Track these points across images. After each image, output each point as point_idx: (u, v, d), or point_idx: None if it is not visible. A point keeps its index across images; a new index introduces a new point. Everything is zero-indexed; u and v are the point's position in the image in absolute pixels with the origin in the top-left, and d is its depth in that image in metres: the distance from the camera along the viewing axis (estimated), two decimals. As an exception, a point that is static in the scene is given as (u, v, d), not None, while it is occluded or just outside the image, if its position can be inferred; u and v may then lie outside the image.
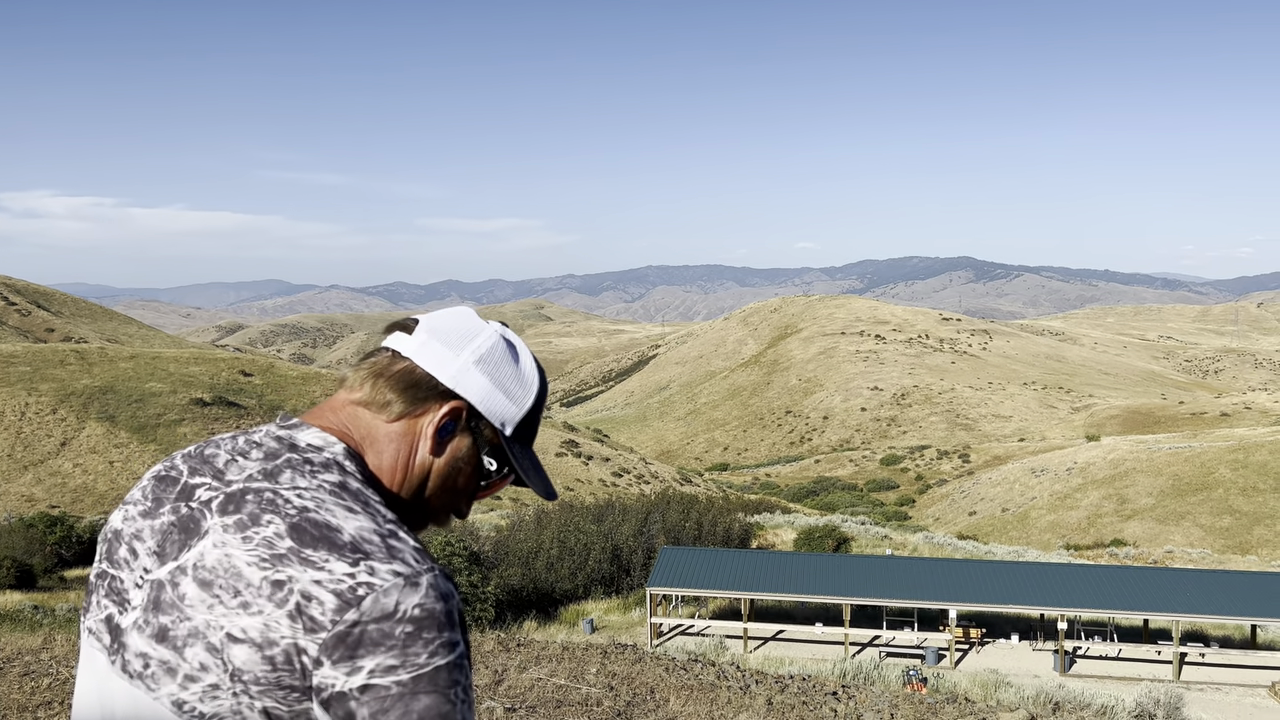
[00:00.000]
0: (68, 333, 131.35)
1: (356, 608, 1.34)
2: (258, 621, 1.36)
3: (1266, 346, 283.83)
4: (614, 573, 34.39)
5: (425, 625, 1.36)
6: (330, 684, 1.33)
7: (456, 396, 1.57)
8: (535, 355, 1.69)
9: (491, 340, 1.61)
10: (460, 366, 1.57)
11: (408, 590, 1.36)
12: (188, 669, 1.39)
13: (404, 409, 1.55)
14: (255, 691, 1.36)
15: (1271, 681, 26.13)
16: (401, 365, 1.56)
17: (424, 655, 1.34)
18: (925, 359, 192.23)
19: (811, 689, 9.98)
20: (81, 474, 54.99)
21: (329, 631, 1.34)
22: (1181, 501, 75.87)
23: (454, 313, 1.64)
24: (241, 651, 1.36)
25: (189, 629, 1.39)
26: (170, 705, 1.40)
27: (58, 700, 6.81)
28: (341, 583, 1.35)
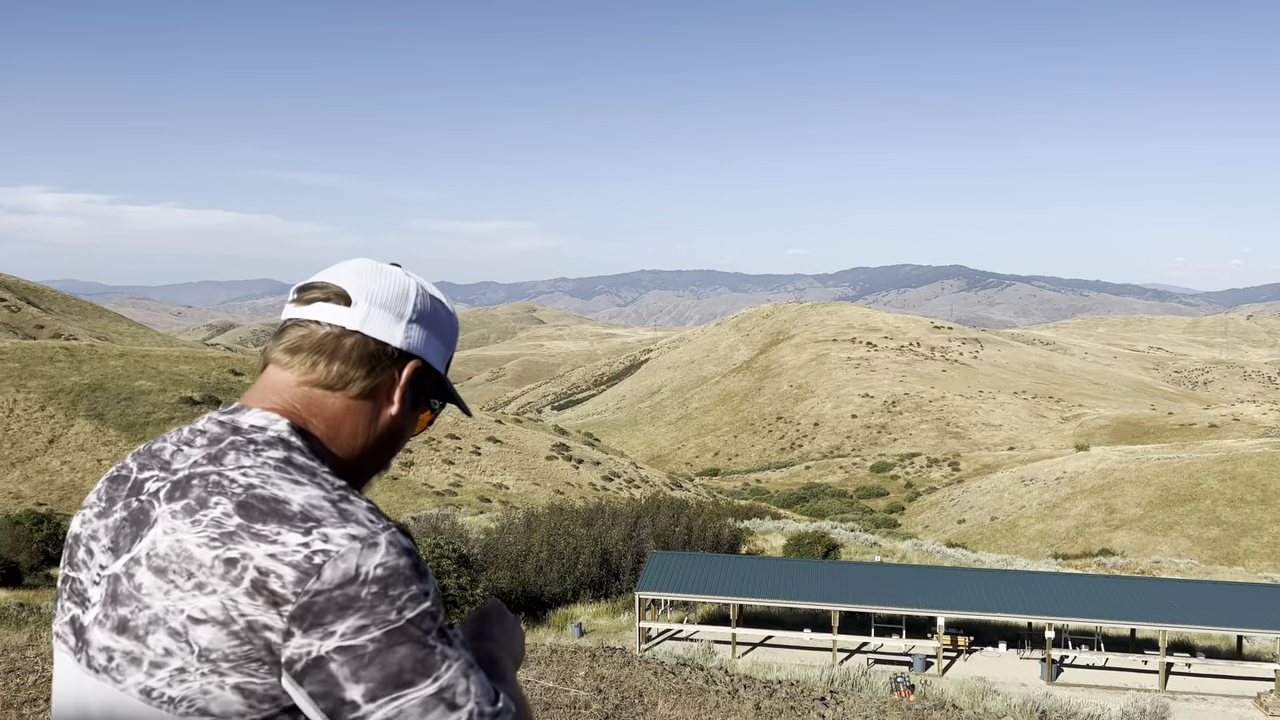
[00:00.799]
0: (57, 330, 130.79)
1: (317, 577, 1.35)
2: (215, 600, 1.36)
3: (1255, 359, 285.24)
4: (603, 577, 34.35)
5: (390, 583, 1.37)
6: (305, 652, 1.34)
7: (410, 357, 1.61)
8: (440, 292, 1.71)
9: (420, 294, 1.64)
10: (407, 329, 1.60)
11: (367, 552, 1.37)
12: (152, 656, 1.39)
13: (366, 383, 1.57)
14: (225, 668, 1.36)
15: (1257, 693, 26.23)
16: (353, 340, 1.57)
17: (394, 611, 1.36)
18: (916, 367, 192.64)
19: (799, 694, 9.99)
20: (69, 471, 54.71)
21: (293, 604, 1.34)
22: (1169, 512, 76.16)
23: (373, 270, 1.62)
24: (205, 631, 1.36)
25: (149, 617, 1.39)
26: (138, 694, 1.40)
27: (43, 697, 6.78)
28: (297, 554, 1.36)
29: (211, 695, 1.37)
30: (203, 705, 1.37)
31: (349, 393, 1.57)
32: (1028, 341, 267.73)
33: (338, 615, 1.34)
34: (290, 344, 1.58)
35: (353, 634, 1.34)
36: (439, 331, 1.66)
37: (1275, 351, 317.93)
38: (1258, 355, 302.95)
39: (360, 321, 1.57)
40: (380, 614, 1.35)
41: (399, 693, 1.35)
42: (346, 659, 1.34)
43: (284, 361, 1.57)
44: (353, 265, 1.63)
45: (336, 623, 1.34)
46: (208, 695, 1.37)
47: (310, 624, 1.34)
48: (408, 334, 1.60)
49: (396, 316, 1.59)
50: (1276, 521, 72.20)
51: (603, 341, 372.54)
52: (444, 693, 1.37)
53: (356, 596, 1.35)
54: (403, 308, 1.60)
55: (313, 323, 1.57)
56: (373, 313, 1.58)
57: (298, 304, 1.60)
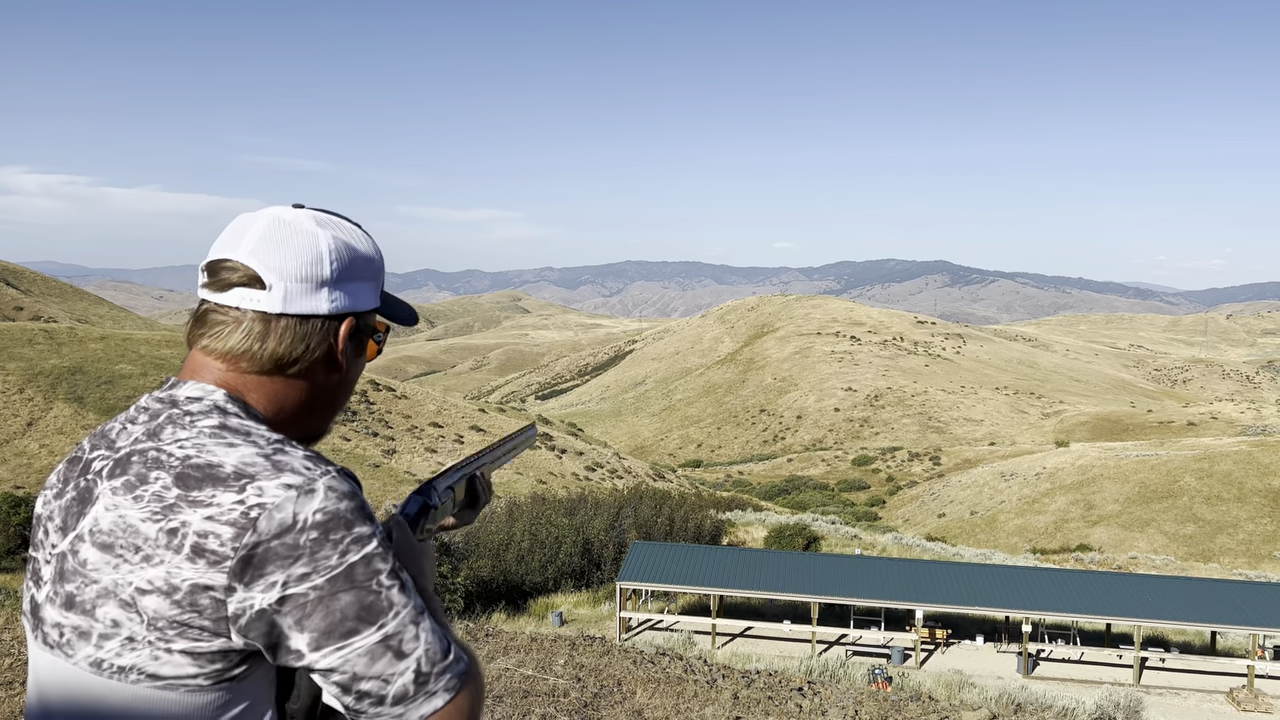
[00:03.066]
0: (37, 311, 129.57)
1: (253, 530, 1.34)
2: (161, 571, 1.36)
3: (1234, 358, 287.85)
4: (584, 566, 34.41)
5: (330, 528, 1.35)
6: (248, 605, 1.33)
7: (343, 315, 1.55)
8: (349, 221, 1.61)
9: (333, 247, 1.53)
10: (330, 293, 1.52)
11: (303, 499, 1.36)
12: (101, 629, 1.39)
13: (306, 361, 1.53)
14: (171, 634, 1.36)
15: (1230, 688, 26.54)
16: (281, 325, 1.50)
17: (335, 556, 1.34)
18: (899, 361, 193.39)
19: (778, 684, 10.05)
20: (48, 455, 54.29)
21: (232, 559, 1.33)
22: (1147, 508, 76.84)
23: (277, 236, 1.51)
24: (151, 601, 1.36)
25: (97, 591, 1.39)
26: (88, 666, 1.40)
27: (19, 680, 6.75)
28: (232, 511, 1.35)
29: (161, 660, 1.37)
30: (152, 671, 1.37)
31: (287, 374, 1.53)
32: (1010, 338, 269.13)
33: (278, 565, 1.33)
34: (215, 331, 1.51)
35: (295, 582, 1.33)
36: (363, 274, 1.58)
37: (1254, 351, 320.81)
38: (1237, 354, 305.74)
39: (281, 303, 1.49)
40: (321, 560, 1.34)
41: (343, 641, 1.34)
42: (289, 609, 1.33)
43: (214, 349, 1.51)
44: (256, 229, 1.51)
45: (277, 573, 1.33)
46: (157, 661, 1.37)
47: (251, 577, 1.33)
48: (332, 297, 1.52)
49: (316, 285, 1.51)
50: (1252, 519, 72.98)
51: (587, 332, 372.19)
52: (390, 640, 1.35)
53: (296, 545, 1.34)
54: (320, 272, 1.51)
55: (233, 309, 1.50)
56: (291, 289, 1.49)
57: (211, 288, 1.52)
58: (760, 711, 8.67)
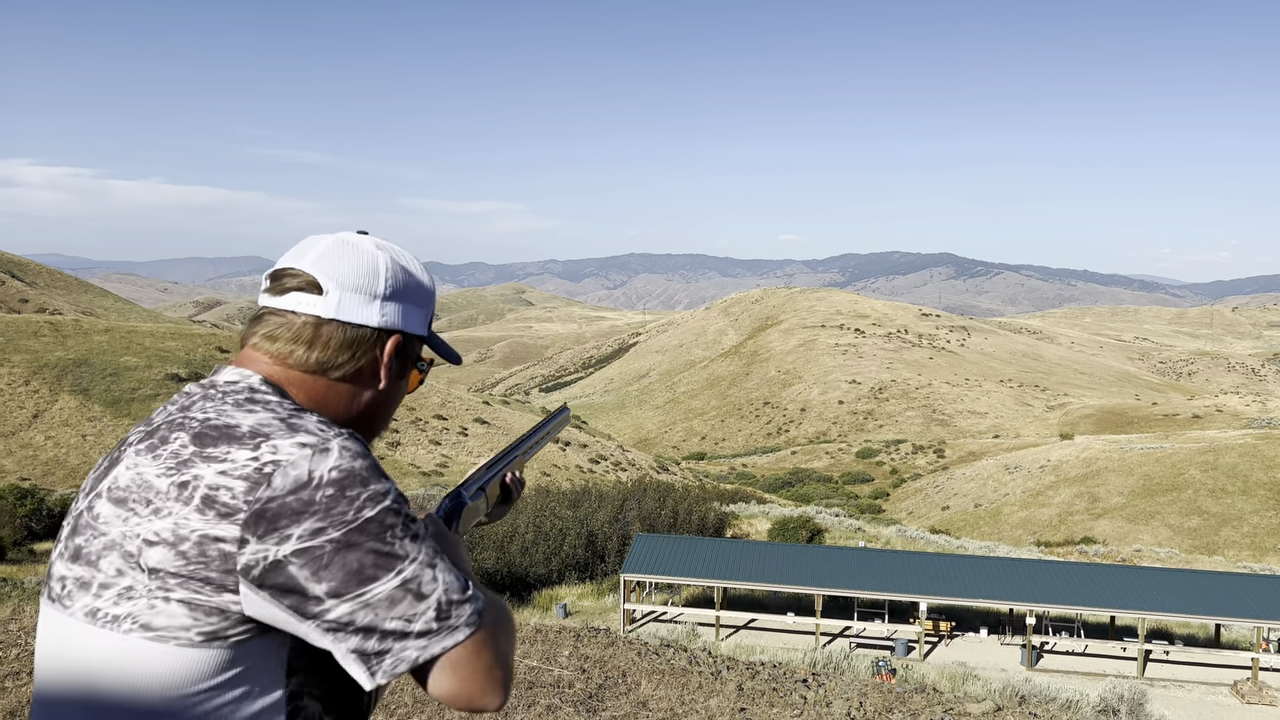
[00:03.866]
0: (42, 304, 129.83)
1: (267, 485, 1.37)
2: (169, 523, 1.39)
3: (1240, 350, 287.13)
4: (589, 558, 34.45)
5: (346, 484, 1.39)
6: (261, 557, 1.35)
7: (390, 332, 1.62)
8: (408, 252, 1.71)
9: (391, 267, 1.62)
10: (382, 307, 1.60)
11: (319, 457, 1.40)
12: (102, 579, 1.42)
13: (348, 367, 1.59)
14: (173, 584, 1.38)
15: (1234, 680, 26.54)
16: (330, 328, 1.57)
17: (350, 512, 1.38)
18: (904, 354, 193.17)
19: (782, 676, 10.06)
20: (54, 447, 54.44)
21: (245, 512, 1.36)
22: (1151, 501, 76.76)
23: (340, 250, 1.61)
24: (156, 553, 1.39)
25: (104, 543, 1.43)
26: (84, 616, 1.42)
27: (25, 670, 6.77)
28: (246, 467, 1.39)
29: (157, 610, 1.38)
30: (146, 620, 1.39)
31: (330, 377, 1.59)
32: (1015, 330, 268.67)
33: (293, 519, 1.36)
34: (268, 331, 1.59)
35: (309, 536, 1.36)
36: (415, 299, 1.66)
37: (1259, 344, 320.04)
38: (1242, 347, 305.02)
39: (335, 309, 1.57)
40: (337, 515, 1.37)
41: (362, 588, 1.36)
42: (305, 561, 1.35)
43: (263, 348, 1.59)
44: (321, 245, 1.61)
45: (292, 526, 1.36)
46: (153, 609, 1.38)
47: (265, 530, 1.36)
48: (383, 312, 1.60)
49: (370, 297, 1.59)
50: (1257, 512, 72.87)
51: (591, 324, 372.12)
52: (409, 584, 1.38)
53: (311, 500, 1.37)
54: (375, 286, 1.59)
55: (289, 312, 1.58)
56: (345, 298, 1.57)
57: (271, 293, 1.60)
58: (765, 703, 8.68)
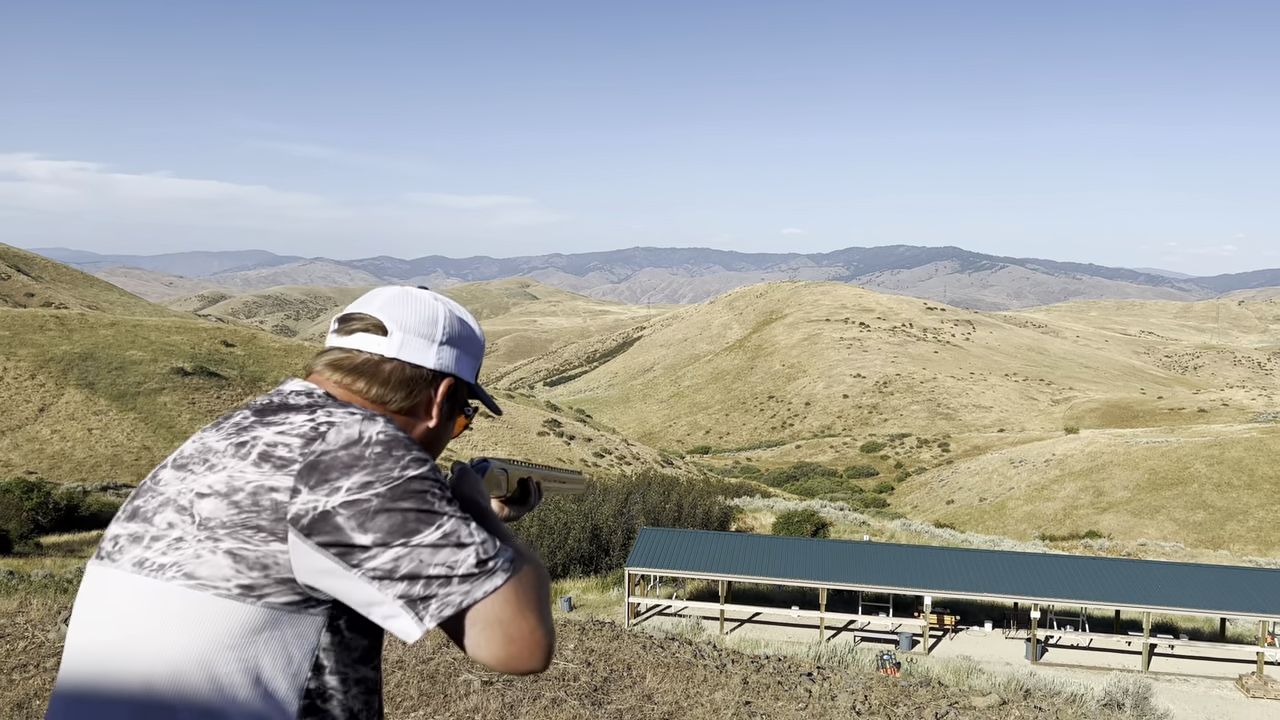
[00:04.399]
0: (48, 298, 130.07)
1: (322, 440, 1.51)
2: (223, 475, 1.51)
3: (1246, 344, 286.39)
4: (593, 552, 34.49)
5: (392, 445, 1.53)
6: (311, 507, 1.46)
7: (444, 375, 1.80)
8: (465, 310, 1.90)
9: (448, 316, 1.82)
10: (439, 351, 1.78)
11: (367, 422, 1.55)
12: (154, 531, 1.52)
13: (404, 402, 1.76)
14: (221, 534, 1.48)
15: (1239, 674, 26.52)
16: (391, 365, 1.74)
17: (396, 469, 1.50)
18: (908, 348, 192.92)
19: (787, 670, 10.07)
20: (60, 440, 54.58)
21: (299, 463, 1.49)
22: (1157, 495, 76.65)
23: (403, 299, 1.79)
24: (208, 503, 1.50)
25: (159, 501, 1.55)
26: (131, 567, 1.52)
27: (33, 663, 6.79)
28: (302, 427, 1.55)
29: (202, 559, 1.47)
30: (190, 570, 1.48)
31: (388, 409, 1.75)
32: (1020, 324, 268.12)
33: (343, 472, 1.48)
34: (333, 360, 1.76)
35: (358, 489, 1.47)
36: (467, 348, 1.85)
37: (1266, 337, 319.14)
38: (1248, 341, 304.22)
39: (397, 349, 1.75)
40: (384, 471, 1.49)
41: (406, 538, 1.46)
42: (353, 512, 1.46)
43: (326, 375, 1.75)
44: (386, 294, 1.80)
45: (342, 479, 1.47)
46: (199, 559, 1.48)
47: (317, 481, 1.47)
48: (439, 355, 1.78)
49: (429, 341, 1.77)
50: (1262, 506, 72.74)
51: (596, 318, 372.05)
52: (449, 536, 1.49)
53: (360, 456, 1.49)
54: (433, 332, 1.78)
55: (354, 350, 1.76)
56: (407, 340, 1.76)
57: (340, 334, 1.78)
58: (770, 696, 8.68)
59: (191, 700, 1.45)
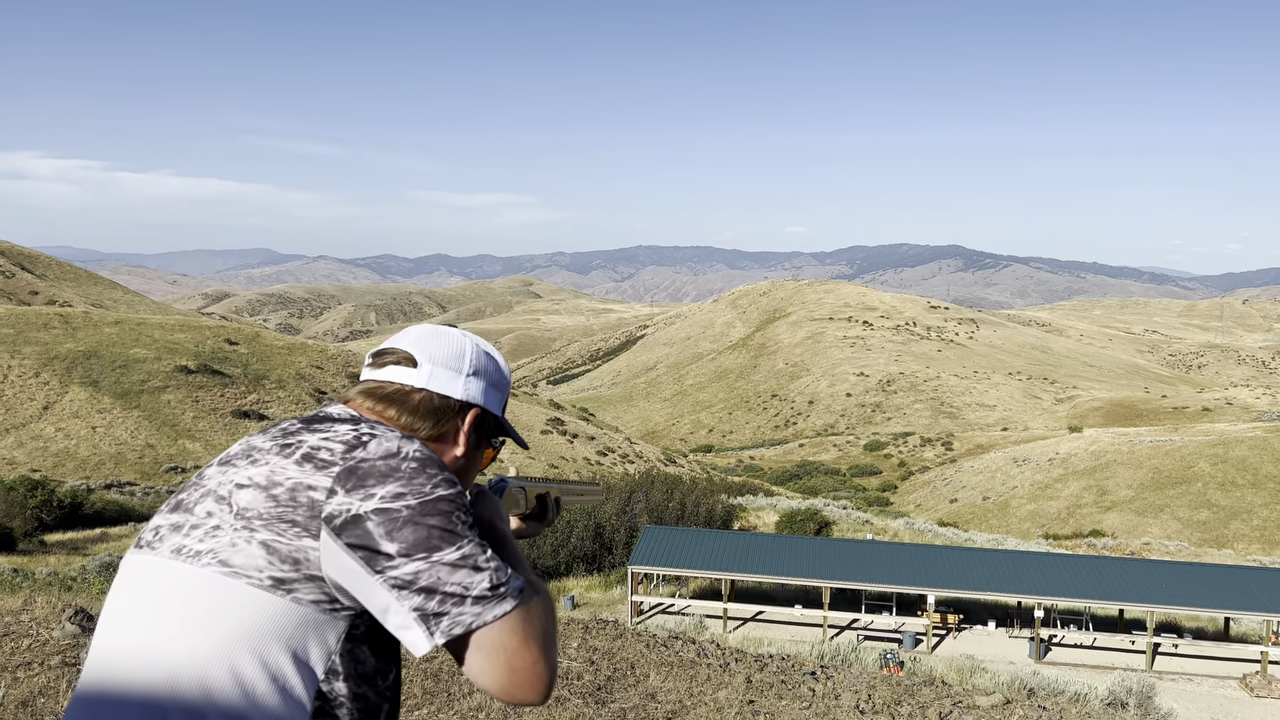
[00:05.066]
0: (52, 296, 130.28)
1: (363, 448, 1.62)
2: (265, 469, 1.61)
3: (1250, 343, 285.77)
4: (596, 550, 34.50)
5: (427, 464, 1.62)
6: (345, 509, 1.55)
7: (470, 406, 1.89)
8: (491, 346, 2.01)
9: (475, 351, 1.92)
10: (466, 383, 1.88)
11: (405, 440, 1.66)
12: (194, 520, 1.61)
13: (433, 431, 1.85)
14: (258, 525, 1.56)
15: (1243, 673, 26.47)
16: (420, 396, 1.84)
17: (428, 485, 1.59)
18: (912, 346, 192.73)
19: (790, 668, 10.06)
20: (64, 438, 54.67)
21: (340, 466, 1.59)
22: (1160, 494, 76.52)
23: (433, 335, 1.91)
24: (246, 494, 1.59)
25: (201, 492, 1.64)
26: (169, 554, 1.59)
27: (37, 661, 6.80)
28: (346, 435, 1.65)
29: (238, 548, 1.55)
30: (225, 557, 1.55)
31: (417, 436, 1.82)
32: (1023, 323, 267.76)
33: (379, 481, 1.57)
34: (367, 389, 1.87)
35: (390, 499, 1.56)
36: (494, 381, 1.95)
37: (1270, 336, 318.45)
38: (1253, 340, 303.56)
39: (426, 380, 1.85)
40: (416, 485, 1.58)
41: (429, 552, 1.54)
42: (382, 519, 1.54)
43: (360, 402, 1.85)
44: (416, 331, 1.93)
45: (377, 487, 1.56)
46: (234, 548, 1.55)
47: (354, 485, 1.57)
48: (467, 387, 1.88)
49: (456, 372, 1.88)
50: (1266, 505, 72.60)
51: (599, 317, 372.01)
52: (467, 558, 1.56)
53: (397, 468, 1.59)
54: (461, 365, 1.89)
55: (386, 381, 1.86)
56: (436, 371, 1.86)
57: (373, 368, 1.89)
58: (773, 695, 8.67)
59: (215, 693, 1.49)
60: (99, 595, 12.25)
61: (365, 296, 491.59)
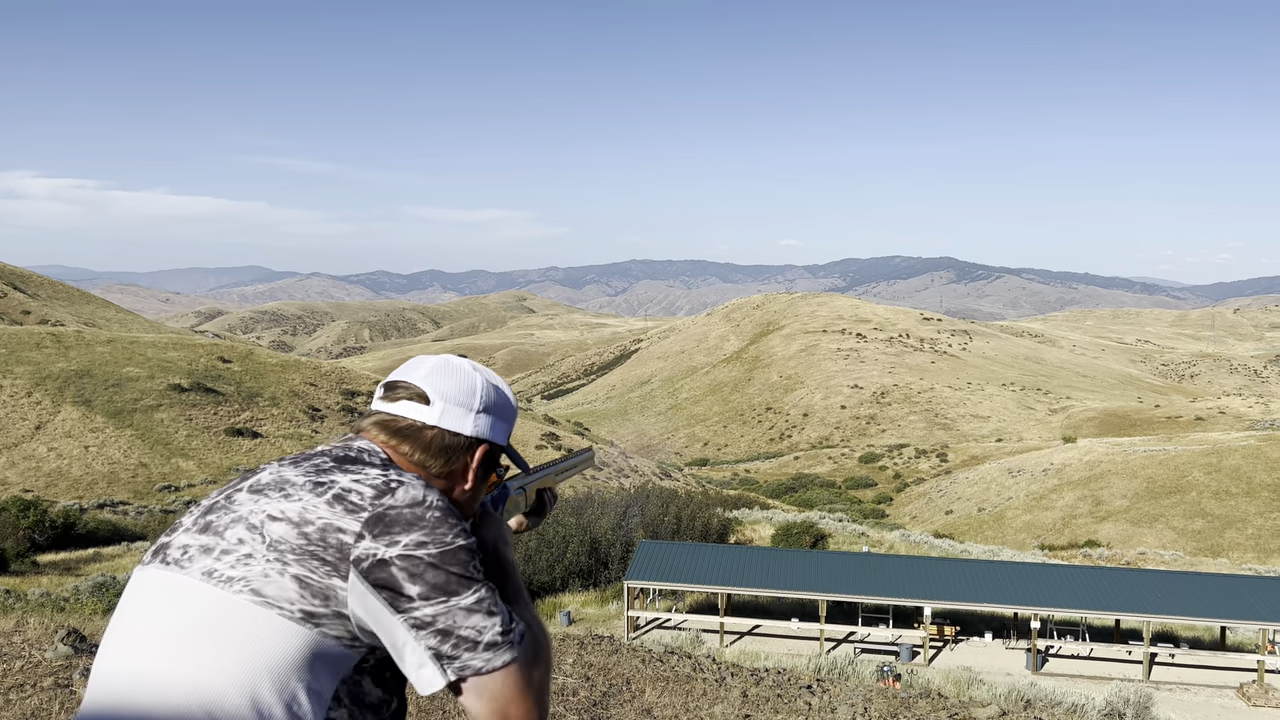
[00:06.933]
0: (44, 315, 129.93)
1: (391, 495, 1.70)
2: (297, 505, 1.69)
3: (1242, 352, 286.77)
4: (592, 565, 34.39)
5: (448, 514, 1.72)
6: (372, 553, 1.64)
7: (480, 442, 1.95)
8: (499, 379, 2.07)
9: (485, 386, 1.98)
10: (476, 420, 1.95)
11: (429, 489, 1.75)
12: (224, 545, 1.67)
13: (443, 468, 1.92)
14: (291, 559, 1.64)
15: (1240, 683, 26.46)
16: (432, 433, 1.91)
17: (449, 535, 1.68)
18: (905, 358, 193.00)
19: (786, 682, 10.03)
20: (56, 458, 54.43)
21: (369, 511, 1.67)
22: (1155, 504, 76.60)
23: (445, 370, 1.96)
24: (279, 527, 1.67)
25: (232, 518, 1.70)
26: (200, 576, 1.66)
27: (30, 683, 6.76)
28: (376, 480, 1.73)
29: (270, 579, 1.63)
30: (258, 586, 1.63)
31: (428, 473, 1.90)
32: (1016, 334, 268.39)
33: (404, 529, 1.66)
34: (380, 421, 1.93)
35: (414, 546, 1.65)
36: (502, 415, 2.02)
37: (1262, 345, 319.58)
38: (1244, 349, 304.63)
39: (437, 418, 1.91)
40: (438, 535, 1.67)
41: (447, 597, 1.64)
42: (405, 565, 1.63)
43: (375, 434, 1.92)
44: (429, 365, 1.98)
45: (402, 535, 1.66)
46: (267, 578, 1.63)
47: (380, 531, 1.65)
48: (476, 423, 1.95)
49: (467, 410, 1.94)
50: (1261, 514, 72.70)
51: (593, 331, 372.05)
52: (481, 603, 1.66)
53: (421, 517, 1.68)
54: (471, 402, 1.95)
55: (399, 416, 1.92)
56: (447, 409, 1.92)
57: (385, 400, 1.95)
58: (770, 709, 8.65)
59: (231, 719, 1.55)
60: (92, 616, 12.17)
61: (359, 313, 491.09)
